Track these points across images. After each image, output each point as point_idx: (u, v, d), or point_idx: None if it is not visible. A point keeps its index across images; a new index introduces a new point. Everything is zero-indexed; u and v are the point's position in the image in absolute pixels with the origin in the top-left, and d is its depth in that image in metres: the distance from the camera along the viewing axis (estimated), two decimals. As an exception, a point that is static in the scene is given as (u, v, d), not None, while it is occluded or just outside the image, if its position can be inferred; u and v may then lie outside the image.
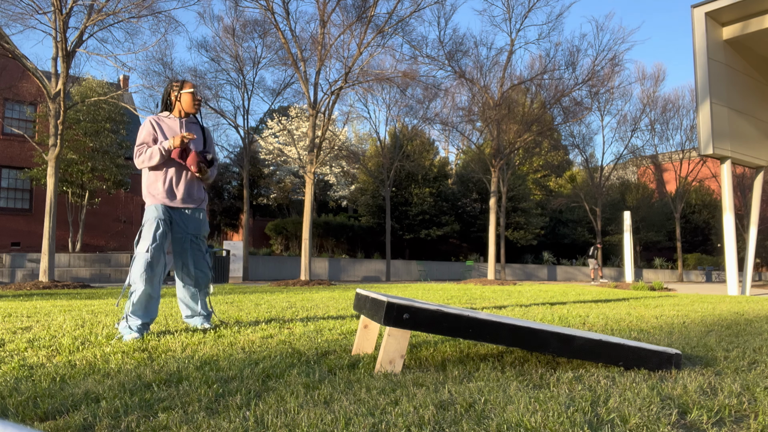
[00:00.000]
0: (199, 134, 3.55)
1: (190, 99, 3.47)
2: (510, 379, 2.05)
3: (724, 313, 5.21)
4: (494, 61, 17.22)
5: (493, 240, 16.39)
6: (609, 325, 3.92)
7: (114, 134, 17.82)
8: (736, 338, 3.29)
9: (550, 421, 1.48)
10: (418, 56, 16.19)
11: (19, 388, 1.85)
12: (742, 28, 11.41)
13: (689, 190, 30.63)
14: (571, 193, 28.75)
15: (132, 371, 2.14)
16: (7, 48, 10.52)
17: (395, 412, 1.55)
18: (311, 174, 13.59)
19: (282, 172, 23.95)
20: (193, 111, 3.50)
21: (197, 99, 3.51)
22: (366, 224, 24.52)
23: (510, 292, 9.03)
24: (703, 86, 10.99)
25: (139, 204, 22.54)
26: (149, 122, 3.39)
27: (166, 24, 12.78)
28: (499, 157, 16.94)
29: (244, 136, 17.76)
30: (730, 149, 11.25)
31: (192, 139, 3.29)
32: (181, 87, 3.48)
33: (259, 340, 2.99)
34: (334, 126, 22.15)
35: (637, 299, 7.56)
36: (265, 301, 6.21)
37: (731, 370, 2.29)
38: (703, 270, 30.70)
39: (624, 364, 2.26)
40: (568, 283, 19.44)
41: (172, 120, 3.45)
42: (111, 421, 1.47)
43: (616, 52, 16.94)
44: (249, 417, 1.51)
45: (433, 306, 2.15)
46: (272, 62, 18.04)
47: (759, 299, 8.31)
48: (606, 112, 25.60)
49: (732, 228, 11.08)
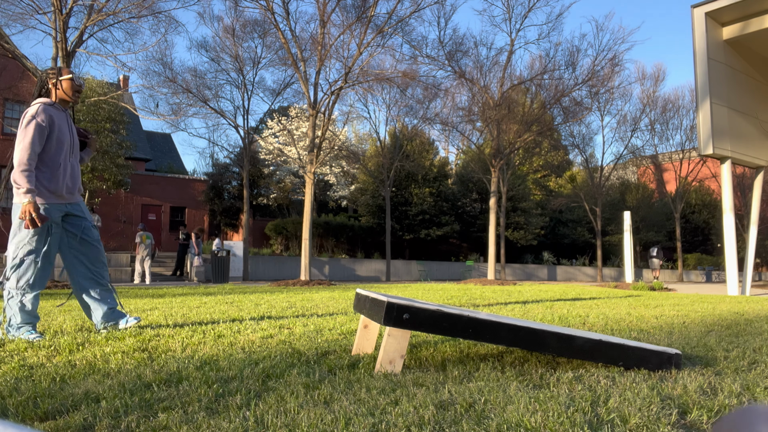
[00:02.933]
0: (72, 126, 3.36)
1: (70, 85, 3.26)
2: (510, 379, 2.05)
3: (724, 313, 5.21)
4: (494, 61, 17.23)
5: (493, 240, 16.39)
6: (609, 325, 3.92)
7: (114, 134, 17.83)
8: (736, 338, 3.29)
9: (550, 421, 1.48)
10: (418, 56, 16.20)
11: (19, 388, 1.85)
12: (742, 28, 11.41)
13: (689, 190, 30.63)
14: (571, 193, 28.74)
15: (132, 371, 2.14)
16: (7, 48, 10.52)
17: (395, 412, 1.55)
18: (311, 174, 13.59)
19: (282, 172, 23.96)
20: (72, 99, 3.28)
21: (77, 85, 3.30)
22: (366, 224, 24.52)
23: (510, 292, 9.03)
24: (703, 86, 10.99)
25: (140, 204, 22.55)
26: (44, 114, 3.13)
27: (166, 24, 12.79)
28: (499, 157, 16.94)
29: (244, 136, 17.77)
30: (730, 149, 11.25)
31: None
32: (58, 73, 3.26)
33: (259, 340, 2.99)
34: (334, 126, 22.16)
35: (637, 299, 7.56)
36: (265, 301, 6.21)
37: (731, 370, 2.29)
38: (703, 270, 30.70)
39: (624, 364, 2.26)
40: (568, 283, 19.43)
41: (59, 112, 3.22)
42: (111, 421, 1.47)
43: (616, 52, 16.95)
44: (249, 417, 1.51)
45: (433, 306, 2.15)
46: (272, 62, 18.05)
47: (759, 299, 8.31)
48: (606, 112, 25.60)
49: (732, 228, 11.07)
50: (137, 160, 24.81)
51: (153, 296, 7.34)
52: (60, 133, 3.15)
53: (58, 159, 3.15)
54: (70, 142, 3.24)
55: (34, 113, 3.05)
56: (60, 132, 3.15)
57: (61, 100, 3.26)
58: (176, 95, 15.85)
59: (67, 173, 3.21)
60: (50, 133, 3.10)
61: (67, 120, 3.24)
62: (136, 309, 5.13)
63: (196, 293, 8.19)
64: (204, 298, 6.78)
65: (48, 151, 3.11)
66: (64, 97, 3.25)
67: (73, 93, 3.27)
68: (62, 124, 3.18)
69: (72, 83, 3.25)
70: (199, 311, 4.89)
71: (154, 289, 9.64)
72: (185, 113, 15.82)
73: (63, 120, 3.20)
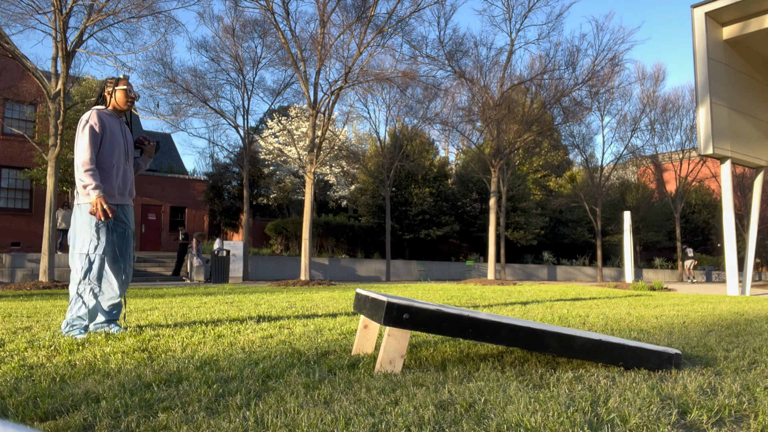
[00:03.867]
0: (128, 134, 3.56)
1: (123, 96, 3.45)
2: (510, 379, 2.05)
3: (724, 313, 5.21)
4: (494, 61, 17.22)
5: (493, 240, 16.39)
6: (609, 325, 3.92)
7: (114, 134, 17.80)
8: (736, 338, 3.29)
9: (550, 421, 1.48)
10: (418, 56, 16.19)
11: (19, 388, 1.85)
12: (742, 28, 11.41)
13: (689, 190, 30.62)
14: (571, 193, 28.73)
15: (132, 371, 2.14)
16: (7, 48, 10.52)
17: (395, 412, 1.55)
18: (311, 174, 13.59)
19: (282, 172, 23.95)
20: (125, 108, 3.48)
21: (130, 96, 3.48)
22: (366, 224, 24.52)
23: (510, 292, 9.03)
24: (703, 86, 10.99)
25: (140, 204, 22.55)
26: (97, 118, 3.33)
27: (166, 24, 12.78)
28: (499, 157, 16.94)
29: (244, 136, 17.76)
30: (730, 149, 11.24)
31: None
32: (116, 84, 3.46)
33: (259, 340, 2.99)
34: (334, 126, 22.16)
35: (637, 299, 7.56)
36: (265, 301, 6.21)
37: (731, 370, 2.29)
38: (703, 270, 30.68)
39: (624, 364, 2.26)
40: (568, 283, 19.43)
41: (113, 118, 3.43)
42: (111, 421, 1.47)
43: (616, 52, 16.93)
44: (249, 417, 1.51)
45: (433, 306, 2.15)
46: (272, 62, 18.04)
47: (759, 299, 8.31)
48: (606, 112, 25.58)
49: (732, 228, 11.07)
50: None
51: (153, 296, 7.34)
52: (112, 137, 3.35)
53: (111, 161, 3.34)
54: (124, 146, 3.44)
55: (87, 118, 3.27)
56: (112, 136, 3.35)
57: (115, 108, 3.46)
58: (176, 95, 15.85)
59: (119, 176, 3.39)
60: (103, 137, 3.31)
61: (120, 126, 3.46)
62: (137, 309, 5.14)
63: (196, 293, 8.19)
64: (204, 298, 6.78)
65: (102, 153, 3.31)
66: (118, 105, 3.45)
67: (126, 101, 3.46)
68: (115, 129, 3.39)
69: (125, 93, 3.45)
70: (199, 311, 4.89)
71: (154, 289, 9.64)
72: (185, 113, 15.83)
73: (116, 125, 3.41)
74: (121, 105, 3.45)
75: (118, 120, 3.46)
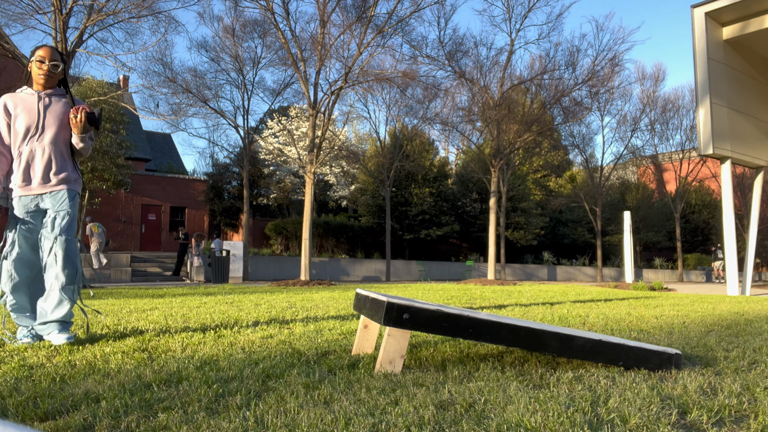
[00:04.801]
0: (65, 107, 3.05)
1: (37, 69, 2.96)
2: (510, 379, 2.05)
3: (724, 313, 5.21)
4: (494, 61, 17.22)
5: (493, 240, 16.39)
6: (609, 325, 3.92)
7: (114, 134, 17.83)
8: (736, 338, 3.29)
9: (550, 421, 1.48)
10: (418, 56, 16.19)
11: (19, 388, 1.85)
12: (742, 28, 11.41)
13: (689, 190, 30.62)
14: (571, 193, 28.74)
15: (132, 371, 2.14)
16: (7, 48, 10.52)
17: (395, 412, 1.55)
18: (311, 174, 13.59)
19: (282, 172, 23.95)
20: (41, 81, 2.96)
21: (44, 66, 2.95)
22: (366, 224, 24.52)
23: (510, 292, 9.03)
24: (703, 86, 10.99)
25: (139, 204, 22.55)
26: None
27: (166, 24, 12.79)
28: (499, 157, 16.94)
29: (244, 136, 17.76)
30: (730, 149, 11.24)
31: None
32: (31, 55, 2.99)
33: (259, 340, 2.99)
34: (334, 126, 22.15)
35: (637, 299, 7.56)
36: (265, 301, 6.21)
37: (731, 370, 2.29)
38: (703, 270, 30.68)
39: (624, 364, 2.26)
40: (568, 283, 19.43)
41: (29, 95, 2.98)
42: (111, 421, 1.47)
43: (616, 52, 16.94)
44: (249, 417, 1.51)
45: (433, 306, 2.15)
46: (272, 62, 18.05)
47: (759, 299, 8.31)
48: (606, 112, 25.58)
49: (732, 228, 11.07)
50: (137, 160, 24.81)
51: (153, 296, 7.35)
52: (21, 120, 2.91)
53: (17, 147, 2.93)
54: (37, 125, 2.92)
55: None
56: (21, 118, 2.92)
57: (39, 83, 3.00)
58: (176, 95, 15.85)
59: (23, 160, 2.91)
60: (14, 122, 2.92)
61: (40, 103, 2.95)
62: (137, 309, 5.13)
63: (196, 293, 8.19)
64: (204, 298, 6.78)
65: (13, 141, 2.93)
66: (35, 79, 2.98)
67: (39, 74, 2.95)
68: (28, 108, 2.93)
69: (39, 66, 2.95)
70: (199, 311, 4.89)
71: (154, 289, 9.65)
72: (185, 113, 15.82)
73: (32, 104, 2.95)
74: (36, 79, 2.96)
75: (34, 96, 2.96)
